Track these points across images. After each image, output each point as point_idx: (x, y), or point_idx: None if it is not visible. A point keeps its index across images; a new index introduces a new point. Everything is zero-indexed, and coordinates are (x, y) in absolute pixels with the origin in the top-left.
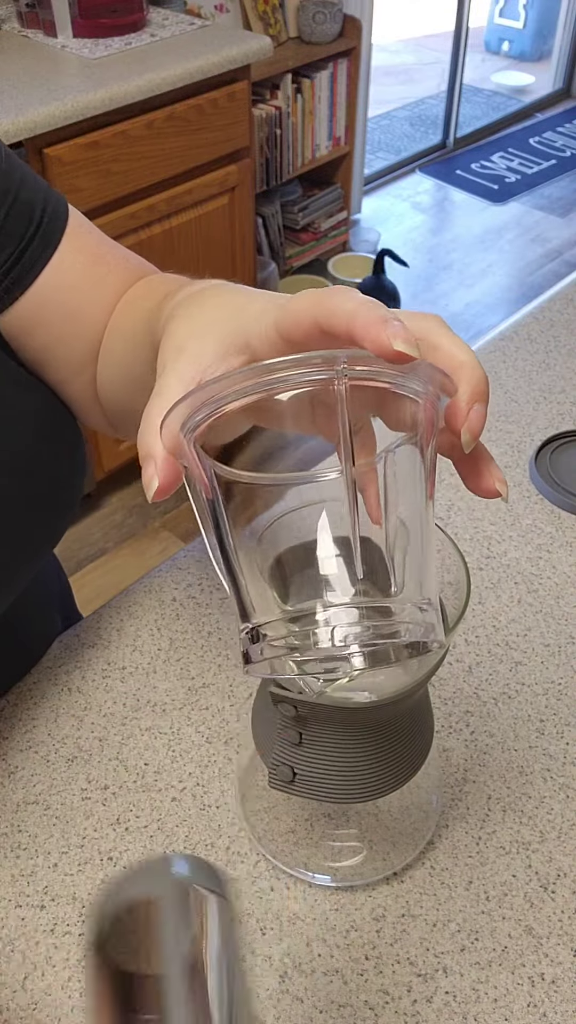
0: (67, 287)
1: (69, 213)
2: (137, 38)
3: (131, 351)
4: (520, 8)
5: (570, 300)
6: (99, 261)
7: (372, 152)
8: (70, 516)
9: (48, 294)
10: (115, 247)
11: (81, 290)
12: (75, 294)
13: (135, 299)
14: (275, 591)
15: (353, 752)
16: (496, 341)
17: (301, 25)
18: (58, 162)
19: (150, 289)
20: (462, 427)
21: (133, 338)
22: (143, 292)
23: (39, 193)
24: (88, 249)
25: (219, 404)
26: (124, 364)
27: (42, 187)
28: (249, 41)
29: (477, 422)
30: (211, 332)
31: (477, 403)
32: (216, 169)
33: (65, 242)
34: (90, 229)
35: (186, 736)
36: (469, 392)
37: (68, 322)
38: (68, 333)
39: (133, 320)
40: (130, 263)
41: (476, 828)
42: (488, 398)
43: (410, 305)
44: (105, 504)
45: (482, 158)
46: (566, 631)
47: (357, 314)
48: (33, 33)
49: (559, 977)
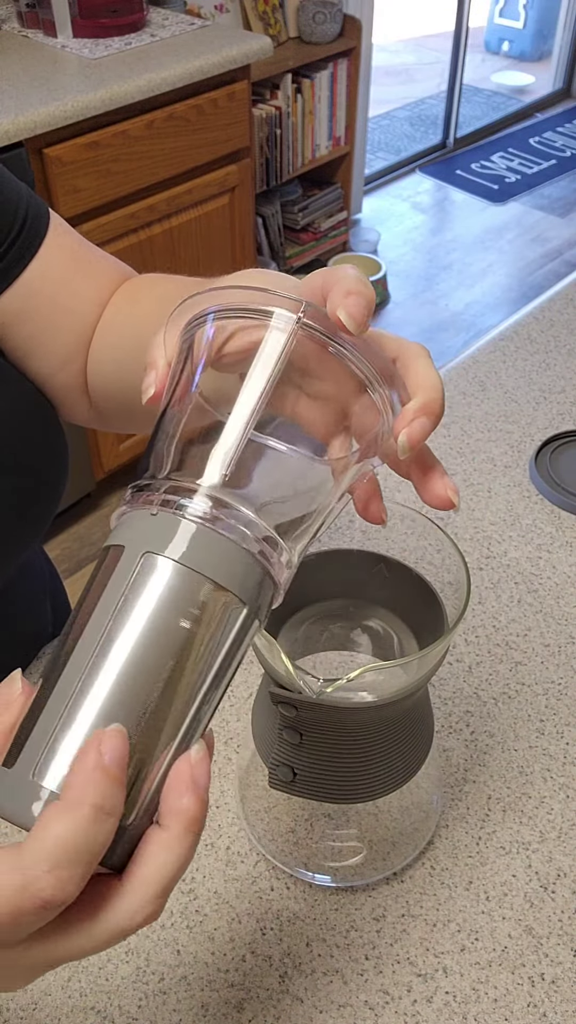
0: (53, 280)
1: (50, 215)
2: (137, 38)
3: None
4: (520, 8)
5: (570, 300)
6: (81, 258)
7: (372, 152)
8: (52, 511)
9: (35, 286)
10: (94, 248)
11: (66, 283)
12: (61, 287)
13: (135, 295)
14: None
15: (353, 752)
16: (496, 341)
17: (301, 25)
18: (58, 162)
19: (153, 287)
20: (401, 430)
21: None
22: (145, 288)
23: (20, 195)
24: (70, 247)
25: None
26: (126, 363)
27: (23, 190)
28: (249, 41)
29: (418, 432)
30: None
31: (424, 416)
32: (216, 169)
33: (49, 239)
34: (69, 230)
35: None
36: (421, 404)
37: (54, 314)
38: (54, 325)
39: (135, 318)
40: (109, 263)
41: (476, 828)
42: (437, 421)
43: (410, 305)
44: (105, 504)
45: (482, 158)
46: (566, 631)
47: (339, 282)
48: (33, 33)
49: (559, 977)
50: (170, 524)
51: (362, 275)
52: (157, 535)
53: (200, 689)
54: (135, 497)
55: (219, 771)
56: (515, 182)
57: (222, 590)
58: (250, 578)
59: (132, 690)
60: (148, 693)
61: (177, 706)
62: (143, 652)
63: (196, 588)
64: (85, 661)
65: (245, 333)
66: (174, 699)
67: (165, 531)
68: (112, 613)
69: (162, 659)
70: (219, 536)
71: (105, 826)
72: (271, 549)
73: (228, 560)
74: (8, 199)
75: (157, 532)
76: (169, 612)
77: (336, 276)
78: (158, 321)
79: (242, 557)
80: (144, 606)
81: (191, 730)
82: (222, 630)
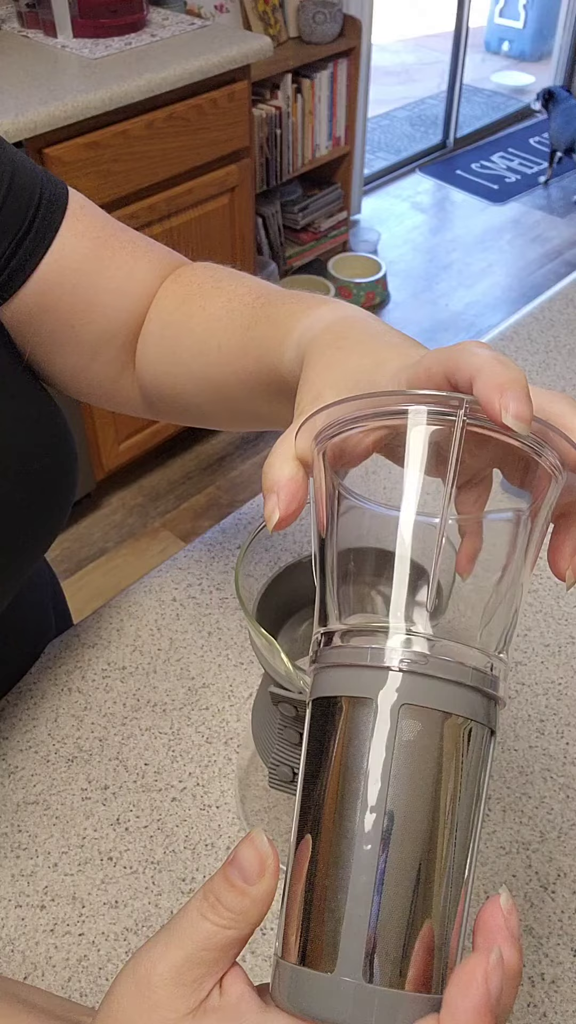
0: (71, 271)
1: (69, 198)
2: (137, 38)
3: (214, 359)
4: (520, 8)
5: (570, 300)
6: (104, 244)
7: (372, 152)
8: (62, 521)
9: (51, 279)
10: (123, 229)
11: (86, 274)
12: (80, 278)
13: (200, 294)
14: (355, 603)
15: None
16: (496, 341)
17: (301, 25)
18: (58, 162)
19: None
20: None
21: (218, 349)
22: (209, 286)
23: (36, 180)
24: (91, 233)
25: (351, 423)
26: (199, 370)
27: (39, 173)
28: (249, 41)
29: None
30: (346, 385)
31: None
32: (216, 169)
33: (65, 227)
34: (93, 211)
35: (186, 736)
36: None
37: (75, 307)
38: (76, 318)
39: (208, 321)
40: (139, 245)
41: None
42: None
43: (410, 305)
44: (105, 504)
45: (482, 158)
46: (566, 631)
47: (481, 371)
48: (33, 33)
49: (559, 977)
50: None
51: (497, 353)
52: (389, 684)
53: (477, 826)
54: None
55: (219, 771)
56: (515, 182)
57: (470, 721)
58: (484, 703)
59: (439, 854)
60: (451, 853)
61: (468, 852)
62: (433, 811)
63: (455, 731)
64: (375, 836)
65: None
66: (469, 849)
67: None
68: (386, 778)
69: (450, 812)
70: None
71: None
72: (496, 662)
73: (465, 695)
74: (20, 188)
75: (383, 680)
76: (442, 763)
77: (469, 363)
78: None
79: (471, 686)
80: (416, 763)
81: (472, 866)
82: (479, 762)
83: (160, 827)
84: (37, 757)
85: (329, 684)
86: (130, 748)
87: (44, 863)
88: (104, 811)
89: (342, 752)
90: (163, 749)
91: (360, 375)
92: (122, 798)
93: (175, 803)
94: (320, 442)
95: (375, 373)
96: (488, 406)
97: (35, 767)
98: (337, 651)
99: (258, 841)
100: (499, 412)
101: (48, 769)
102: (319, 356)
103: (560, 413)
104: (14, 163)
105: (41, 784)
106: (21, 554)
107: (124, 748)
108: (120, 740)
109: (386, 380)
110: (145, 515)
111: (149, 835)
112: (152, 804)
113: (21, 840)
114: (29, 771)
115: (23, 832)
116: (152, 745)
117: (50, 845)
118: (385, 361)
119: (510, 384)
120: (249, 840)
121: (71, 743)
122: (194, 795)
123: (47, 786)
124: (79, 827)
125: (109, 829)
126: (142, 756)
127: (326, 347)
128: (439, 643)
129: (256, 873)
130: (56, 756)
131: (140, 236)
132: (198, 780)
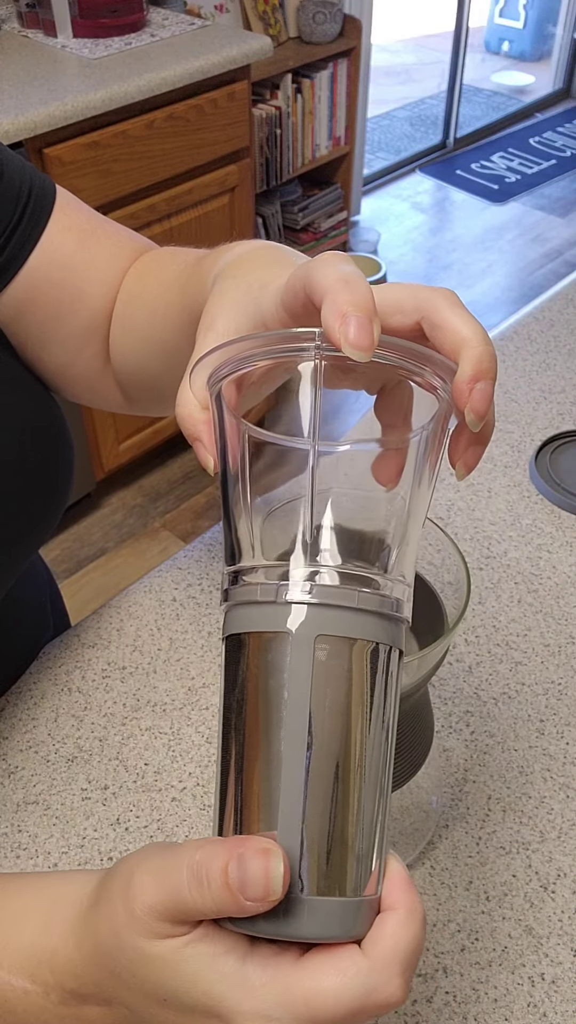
0: (58, 265)
1: (56, 193)
2: (137, 38)
3: (160, 319)
4: (520, 8)
5: (570, 300)
6: (90, 237)
7: (372, 152)
8: (59, 513)
9: (40, 273)
10: (106, 222)
11: (73, 268)
12: (67, 272)
13: (157, 267)
14: (264, 541)
15: None
16: (496, 341)
17: (301, 25)
18: (58, 162)
19: (174, 257)
20: (465, 407)
21: (165, 308)
22: (167, 260)
23: (24, 175)
24: (78, 226)
25: (237, 363)
26: (151, 333)
27: (27, 169)
28: (249, 41)
29: (480, 401)
30: (235, 311)
31: (481, 381)
32: (216, 169)
33: (53, 222)
34: (79, 206)
35: (186, 736)
36: (471, 371)
37: (63, 301)
38: (64, 311)
39: (160, 288)
40: (122, 237)
41: (476, 828)
42: (495, 375)
43: None
44: (105, 504)
45: (482, 158)
46: (566, 631)
47: (326, 295)
48: (33, 33)
49: (559, 977)
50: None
51: (346, 268)
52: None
53: (392, 741)
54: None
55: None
56: (515, 182)
57: (375, 643)
58: (388, 626)
59: (366, 776)
60: (376, 772)
61: (388, 766)
62: (355, 733)
63: (366, 654)
64: (299, 765)
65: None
66: (388, 761)
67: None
68: (306, 703)
69: (371, 735)
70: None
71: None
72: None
73: (370, 621)
74: (8, 183)
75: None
76: (357, 684)
77: (319, 284)
78: (164, 310)
79: (377, 612)
80: (334, 687)
81: (389, 777)
82: (389, 681)
83: (160, 827)
84: (37, 757)
85: (241, 621)
86: (130, 748)
87: (44, 863)
88: (104, 811)
89: (263, 683)
90: (163, 749)
91: (247, 300)
92: (122, 798)
93: (175, 803)
94: (212, 384)
95: (260, 295)
96: (330, 335)
97: (35, 767)
98: (245, 589)
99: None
100: (340, 341)
101: (48, 769)
102: (217, 287)
103: (435, 308)
104: (1, 159)
105: (41, 784)
106: (17, 545)
107: (124, 748)
108: (120, 740)
109: (268, 301)
110: (145, 515)
111: (149, 835)
112: (152, 804)
113: (21, 840)
114: (29, 771)
115: (23, 832)
116: (152, 745)
117: (50, 845)
118: (269, 282)
119: (353, 308)
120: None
121: (71, 743)
122: (194, 795)
123: (47, 786)
124: (79, 827)
125: (109, 829)
126: (142, 756)
127: (225, 277)
128: (342, 572)
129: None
130: (56, 756)
131: (123, 228)
132: (198, 780)
